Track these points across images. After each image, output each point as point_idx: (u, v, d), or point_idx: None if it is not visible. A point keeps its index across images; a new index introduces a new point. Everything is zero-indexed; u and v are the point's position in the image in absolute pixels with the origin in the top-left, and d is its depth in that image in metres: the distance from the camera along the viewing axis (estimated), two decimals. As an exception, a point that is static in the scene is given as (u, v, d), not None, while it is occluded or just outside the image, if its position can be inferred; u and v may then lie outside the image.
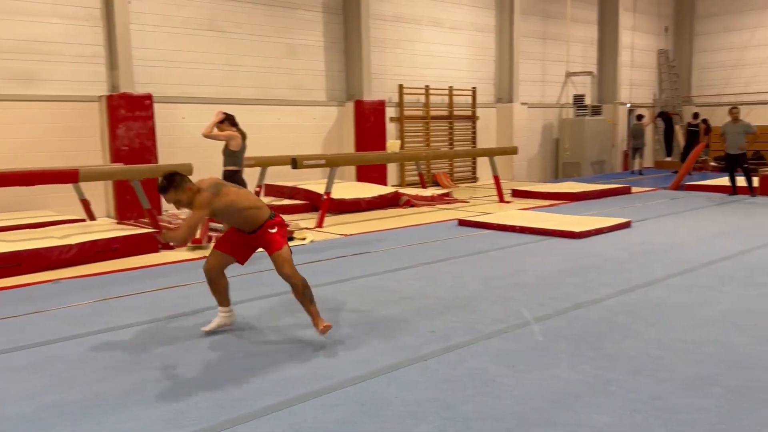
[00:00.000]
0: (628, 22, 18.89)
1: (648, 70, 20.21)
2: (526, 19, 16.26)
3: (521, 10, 15.73)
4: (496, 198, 11.16)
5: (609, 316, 4.38)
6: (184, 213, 8.92)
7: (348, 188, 10.60)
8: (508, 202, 11.07)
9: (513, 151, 12.37)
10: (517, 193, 11.90)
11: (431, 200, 10.89)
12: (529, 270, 5.86)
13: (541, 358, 3.60)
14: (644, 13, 19.70)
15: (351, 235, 7.91)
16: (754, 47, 17.19)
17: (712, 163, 16.70)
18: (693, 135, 17.15)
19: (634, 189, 12.32)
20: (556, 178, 17.12)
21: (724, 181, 11.56)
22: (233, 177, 6.48)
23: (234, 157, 6.71)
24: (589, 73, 18.15)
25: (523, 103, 15.95)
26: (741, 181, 11.06)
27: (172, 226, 8.14)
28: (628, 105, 19.02)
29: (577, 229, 7.51)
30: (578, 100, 17.32)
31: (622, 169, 18.32)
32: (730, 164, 11.15)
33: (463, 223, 8.56)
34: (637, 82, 19.64)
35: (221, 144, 6.94)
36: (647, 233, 7.63)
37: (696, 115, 17.98)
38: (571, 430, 2.73)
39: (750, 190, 10.89)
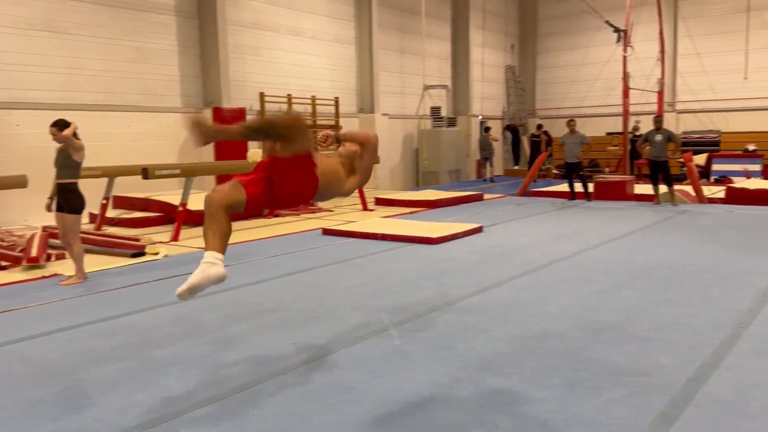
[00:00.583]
0: (478, 39, 20.11)
1: (497, 84, 21.63)
2: (385, 32, 16.74)
3: (379, 24, 16.18)
4: (360, 206, 11.33)
5: (461, 316, 4.60)
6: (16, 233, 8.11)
7: (208, 199, 10.22)
8: (371, 210, 11.28)
9: (376, 161, 12.60)
10: (380, 201, 12.16)
11: (296, 210, 10.81)
12: (390, 276, 6.00)
13: (399, 362, 3.69)
14: (493, 31, 21.09)
15: (210, 247, 7.63)
16: (588, 65, 19.02)
17: (555, 171, 18.19)
18: (536, 145, 18.64)
19: (486, 196, 13.07)
20: (417, 186, 17.74)
21: (564, 187, 12.62)
22: (75, 191, 5.97)
23: (77, 170, 6.20)
24: (444, 86, 19.06)
25: (384, 114, 16.38)
26: (578, 187, 12.13)
27: (4, 244, 7.35)
28: (480, 117, 20.22)
29: (434, 235, 7.82)
30: (435, 111, 18.11)
31: (476, 177, 19.40)
32: (569, 172, 12.21)
33: (327, 232, 8.59)
34: (487, 96, 20.95)
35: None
36: (497, 237, 8.13)
37: (539, 127, 19.55)
38: (422, 431, 2.82)
39: (586, 196, 11.98)
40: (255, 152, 10.30)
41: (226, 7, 12.43)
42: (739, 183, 13.11)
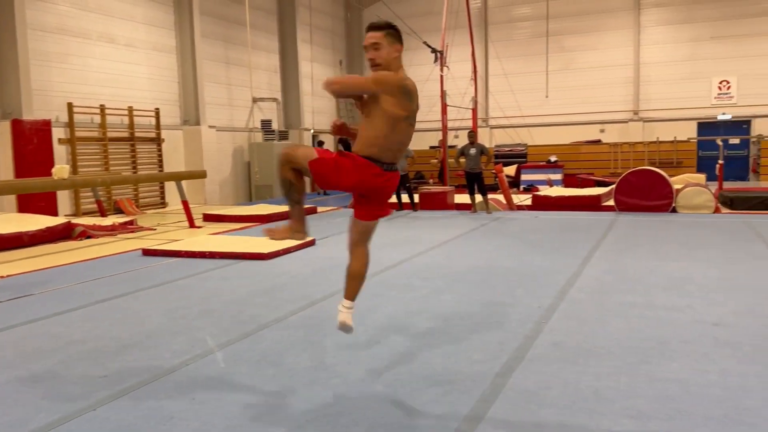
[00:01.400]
0: (306, 54, 20.31)
1: (328, 99, 21.97)
2: (209, 42, 16.25)
3: (202, 33, 15.67)
4: (187, 223, 10.82)
5: (291, 331, 4.57)
6: None
7: (6, 221, 9.13)
8: (199, 227, 10.83)
9: (202, 174, 12.15)
10: (209, 218, 11.73)
11: (112, 230, 10.03)
12: (218, 296, 5.79)
13: (224, 384, 3.57)
14: (321, 46, 21.44)
15: (9, 276, 6.81)
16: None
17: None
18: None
19: (320, 209, 13.19)
20: (250, 200, 17.38)
21: (393, 198, 13.13)
22: None
23: None
24: (274, 99, 18.96)
25: (212, 126, 15.86)
26: (406, 198, 12.70)
27: None
28: (312, 131, 20.39)
29: (266, 250, 7.69)
30: (266, 124, 17.92)
31: (310, 191, 19.49)
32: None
33: (147, 252, 8.07)
34: (319, 110, 21.20)
35: None
36: (330, 249, 8.22)
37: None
38: (248, 454, 2.75)
39: (412, 206, 12.59)
40: (61, 168, 9.30)
41: (26, 10, 11.26)
42: (543, 191, 14.61)
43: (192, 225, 10.77)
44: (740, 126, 19.39)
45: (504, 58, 20.58)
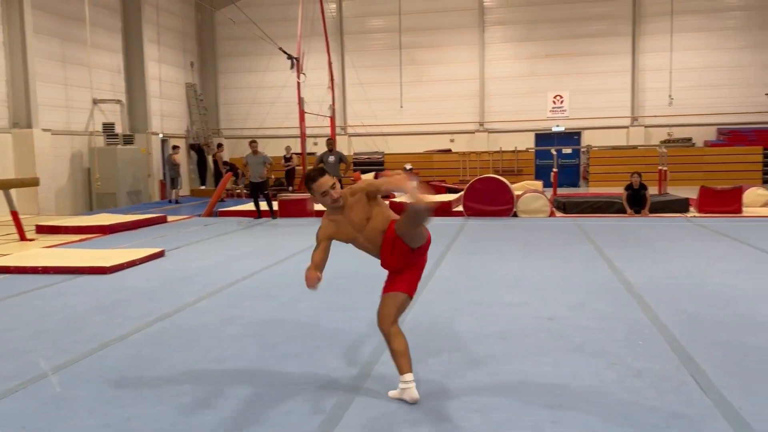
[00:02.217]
0: (153, 54, 19.27)
1: (179, 102, 21.01)
2: (42, 39, 14.88)
3: (34, 29, 14.30)
4: (17, 236, 9.78)
5: (137, 349, 4.29)
6: None
7: None
8: (31, 239, 9.83)
9: (34, 182, 11.04)
10: (43, 229, 10.69)
11: None
12: (52, 315, 5.29)
13: (59, 410, 3.26)
14: (169, 46, 20.44)
15: None
16: (266, 88, 19.80)
17: (244, 190, 18.41)
18: (217, 165, 18.73)
19: (170, 218, 12.55)
20: (90, 209, 16.10)
21: (252, 206, 12.84)
22: None
23: None
24: (118, 101, 17.76)
25: (46, 130, 14.51)
26: (264, 205, 12.47)
27: None
28: (161, 135, 19.36)
29: (108, 263, 7.17)
30: (108, 128, 16.72)
31: (160, 198, 18.50)
32: (254, 191, 12.49)
33: (-32, 269, 7.18)
34: (168, 113, 20.19)
35: None
36: (180, 260, 7.85)
37: (219, 146, 19.60)
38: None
39: (271, 214, 12.40)
40: None
41: None
42: (399, 198, 15.06)
43: (23, 238, 9.75)
44: (572, 137, 21.40)
45: (360, 67, 21.00)
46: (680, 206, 12.00)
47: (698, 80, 20.09)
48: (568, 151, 20.96)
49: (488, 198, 12.02)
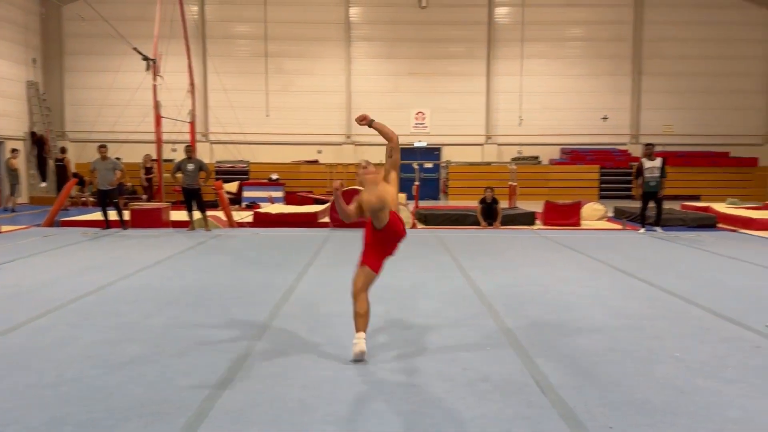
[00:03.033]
0: (-11, 47, 17.39)
1: (17, 101, 19.11)
2: None
3: None
4: None
5: (-47, 377, 3.79)
6: None
7: None
8: None
9: None
10: None
11: None
12: None
13: None
14: (9, 40, 18.56)
15: None
16: (119, 89, 18.55)
17: (92, 198, 17.10)
18: (62, 170, 17.23)
19: (4, 228, 11.34)
20: None
21: (99, 215, 11.95)
22: None
23: None
24: (-56, 97, 15.78)
25: None
26: (114, 215, 11.65)
27: None
28: (-3, 137, 17.47)
29: (-77, 279, 6.30)
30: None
31: (-6, 206, 16.66)
32: (102, 199, 11.63)
33: None
34: (5, 113, 18.28)
35: None
36: (15, 275, 7.11)
37: (63, 150, 18.08)
38: None
39: (121, 224, 11.60)
40: None
41: None
42: (265, 208, 14.80)
43: None
44: (433, 152, 22.32)
45: (224, 73, 20.41)
46: (528, 219, 12.93)
47: (544, 103, 21.85)
48: (429, 165, 21.83)
49: (352, 209, 12.15)
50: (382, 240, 4.38)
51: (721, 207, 14.50)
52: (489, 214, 12.52)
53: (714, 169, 21.14)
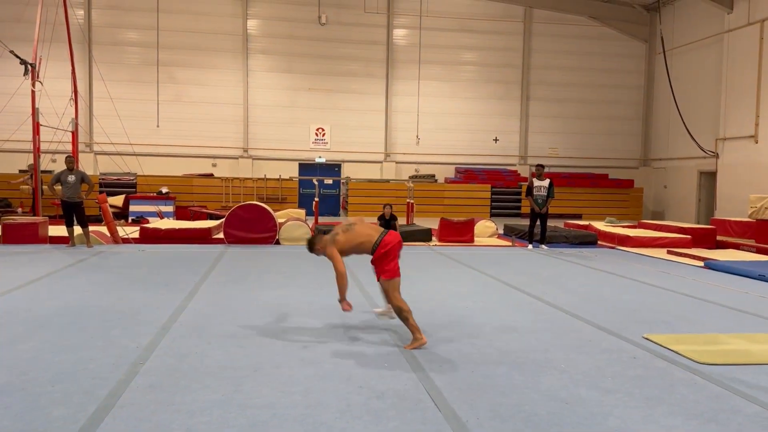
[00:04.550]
0: None
1: None
2: None
3: None
4: None
5: None
6: None
7: None
8: None
9: None
10: None
11: None
12: None
13: None
14: None
15: None
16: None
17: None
18: None
19: None
20: None
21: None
22: None
23: None
24: None
25: None
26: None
27: None
28: None
29: None
30: None
31: None
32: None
33: None
34: None
35: None
36: None
37: None
38: None
39: (-9, 239, 10.62)
40: None
41: None
42: (153, 223, 14.09)
43: None
44: (333, 168, 22.34)
45: (111, 81, 19.34)
46: (424, 236, 13.20)
47: (440, 124, 22.56)
48: (329, 181, 21.81)
49: (251, 225, 11.87)
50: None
51: (600, 225, 15.53)
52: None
53: (594, 190, 22.69)
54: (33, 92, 12.40)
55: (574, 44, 23.18)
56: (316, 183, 16.61)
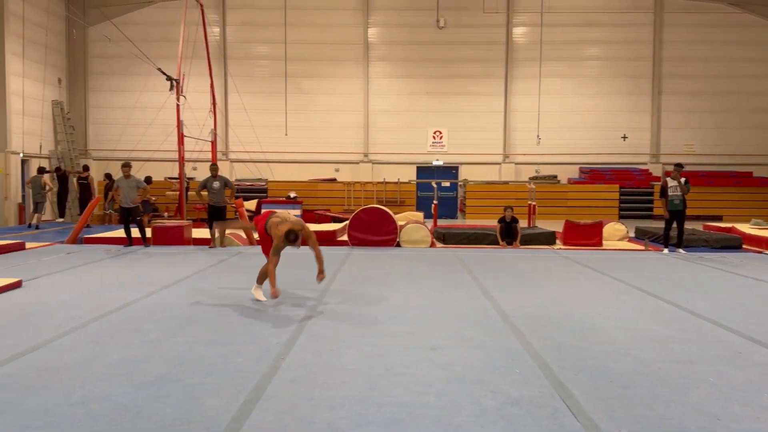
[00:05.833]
0: (16, 68, 17.80)
1: (43, 120, 19.48)
2: None
3: None
4: None
5: (-17, 394, 3.82)
6: None
7: None
8: None
9: None
10: None
11: None
12: None
13: None
14: (35, 61, 18.98)
15: None
16: (143, 109, 18.87)
17: (114, 213, 17.29)
18: (85, 188, 17.46)
19: (29, 245, 11.48)
20: (-69, 235, 14.34)
21: (122, 233, 12.06)
22: None
23: None
24: (-28, 116, 16.15)
25: None
26: (136, 232, 11.76)
27: None
28: (21, 154, 17.80)
29: (-49, 295, 6.38)
30: (-41, 145, 15.11)
31: (18, 223, 16.92)
32: (125, 217, 11.76)
33: None
34: (30, 131, 18.64)
35: None
36: (40, 292, 7.17)
37: (86, 168, 18.34)
38: None
39: (143, 241, 11.70)
40: None
41: None
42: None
43: None
44: (450, 171, 22.33)
45: (244, 93, 20.65)
46: (548, 239, 12.83)
47: (562, 122, 21.82)
48: (446, 184, 21.82)
49: (372, 228, 12.17)
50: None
51: (745, 228, 14.28)
52: (508, 233, 12.45)
53: (736, 189, 20.90)
54: (178, 106, 13.52)
55: (711, 33, 21.50)
56: (434, 186, 16.69)
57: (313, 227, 14.07)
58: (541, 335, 5.31)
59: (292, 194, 20.12)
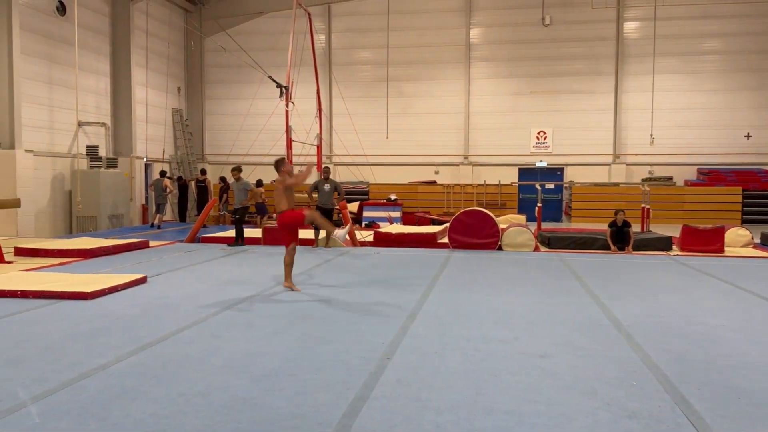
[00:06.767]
0: (141, 78, 19.26)
1: (164, 126, 20.94)
2: (29, 60, 14.83)
3: (22, 50, 14.25)
4: (-7, 258, 9.56)
5: (117, 380, 4.15)
6: None
7: None
8: (9, 262, 9.63)
9: (15, 203, 10.90)
10: (22, 252, 10.48)
11: None
12: (30, 341, 5.13)
13: (35, 445, 3.12)
14: (157, 71, 20.45)
15: None
16: (254, 115, 19.80)
17: (229, 213, 18.26)
18: (202, 190, 18.59)
19: (152, 243, 12.37)
20: (70, 233, 15.84)
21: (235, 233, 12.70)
22: None
23: None
24: (103, 124, 17.65)
25: (28, 151, 14.35)
26: (247, 232, 12.36)
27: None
28: (145, 159, 19.22)
29: (89, 289, 7.01)
30: (92, 151, 16.57)
31: (141, 223, 18.27)
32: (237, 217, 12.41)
33: (-59, 292, 6.96)
34: (153, 138, 20.10)
35: None
36: (163, 287, 7.70)
37: (203, 172, 19.50)
38: None
39: (236, 240, 12.27)
40: None
41: None
42: (384, 228, 15.05)
43: (2, 260, 9.53)
44: (555, 172, 21.65)
45: (347, 98, 21.14)
46: (663, 244, 12.12)
47: (678, 121, 20.54)
48: (551, 186, 21.19)
49: (473, 231, 12.04)
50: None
51: None
52: (620, 238, 11.88)
53: None
54: (287, 112, 14.07)
55: None
56: (538, 188, 16.25)
57: (413, 229, 14.19)
58: (659, 346, 5.03)
59: (393, 197, 20.33)
